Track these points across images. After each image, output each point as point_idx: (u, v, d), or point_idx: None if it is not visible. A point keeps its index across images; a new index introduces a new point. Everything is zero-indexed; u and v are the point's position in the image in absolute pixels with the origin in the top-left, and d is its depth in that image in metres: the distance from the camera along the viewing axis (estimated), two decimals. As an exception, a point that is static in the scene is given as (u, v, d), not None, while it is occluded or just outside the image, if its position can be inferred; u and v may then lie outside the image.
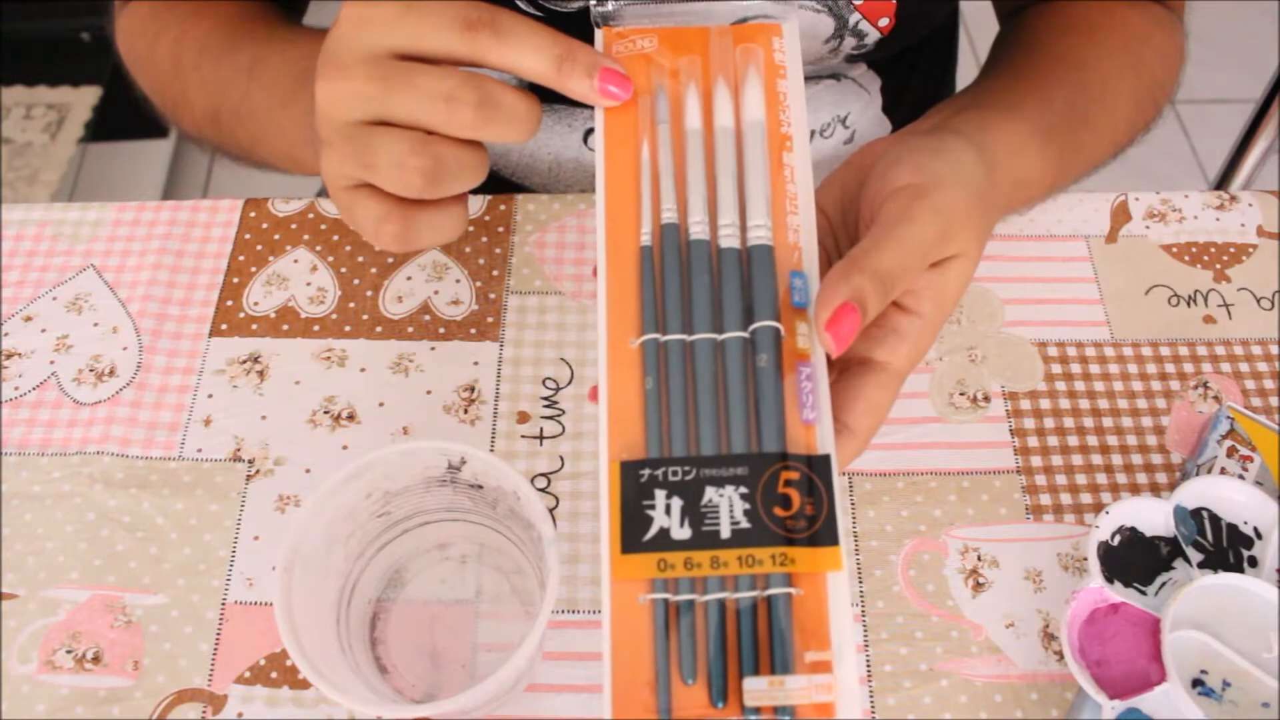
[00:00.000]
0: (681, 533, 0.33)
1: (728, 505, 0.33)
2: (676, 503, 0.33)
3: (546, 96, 0.63)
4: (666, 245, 0.37)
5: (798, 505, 0.33)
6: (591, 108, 0.63)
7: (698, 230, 0.37)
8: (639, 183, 0.38)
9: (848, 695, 0.31)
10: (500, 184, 0.69)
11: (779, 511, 0.33)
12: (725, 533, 0.33)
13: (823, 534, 0.33)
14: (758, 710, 0.31)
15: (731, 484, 0.33)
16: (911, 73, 0.68)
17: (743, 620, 0.32)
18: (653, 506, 0.33)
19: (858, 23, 0.56)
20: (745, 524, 0.33)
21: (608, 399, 0.35)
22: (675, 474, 0.34)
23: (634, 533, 0.33)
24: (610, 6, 0.40)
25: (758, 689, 0.31)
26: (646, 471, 0.34)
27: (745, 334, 0.35)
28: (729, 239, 0.37)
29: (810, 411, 0.34)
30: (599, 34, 0.40)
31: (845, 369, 0.38)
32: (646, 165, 0.38)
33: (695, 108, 0.39)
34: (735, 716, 0.31)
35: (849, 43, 0.57)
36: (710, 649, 0.32)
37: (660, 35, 0.40)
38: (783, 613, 0.32)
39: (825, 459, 0.34)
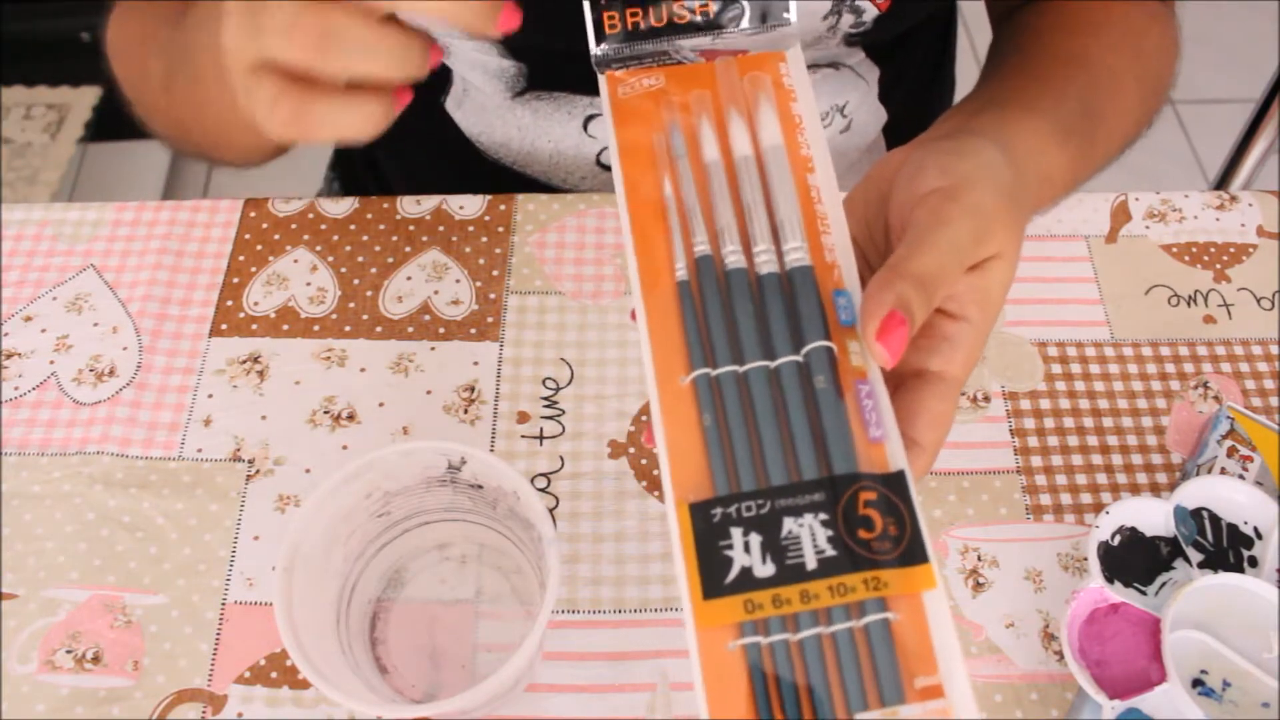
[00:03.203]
0: (765, 570, 0.31)
1: (809, 534, 0.31)
2: (755, 539, 0.32)
3: (546, 84, 0.64)
4: (704, 277, 0.36)
5: (881, 526, 0.32)
6: (591, 95, 0.63)
7: (733, 259, 0.36)
8: (665, 219, 0.37)
9: (965, 717, 0.30)
10: (501, 172, 0.69)
11: (863, 534, 0.31)
12: (811, 564, 0.31)
13: (911, 552, 0.31)
14: None
15: (810, 511, 0.32)
16: (908, 62, 0.68)
17: (842, 653, 0.31)
18: (730, 546, 0.32)
19: None
20: (831, 551, 0.31)
21: (665, 441, 0.34)
22: (749, 509, 0.32)
23: (714, 576, 0.31)
24: (608, 49, 0.39)
25: None
26: (719, 510, 0.32)
27: (798, 358, 0.34)
28: (767, 264, 0.36)
29: (876, 429, 0.33)
30: (602, 79, 0.40)
31: (901, 383, 0.37)
32: (671, 201, 0.37)
33: (711, 139, 0.38)
34: None
35: (847, 20, 0.57)
36: (813, 689, 0.30)
37: (665, 73, 0.39)
38: (884, 640, 0.30)
39: (900, 475, 0.33)
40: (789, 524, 0.32)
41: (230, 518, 0.52)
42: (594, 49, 0.39)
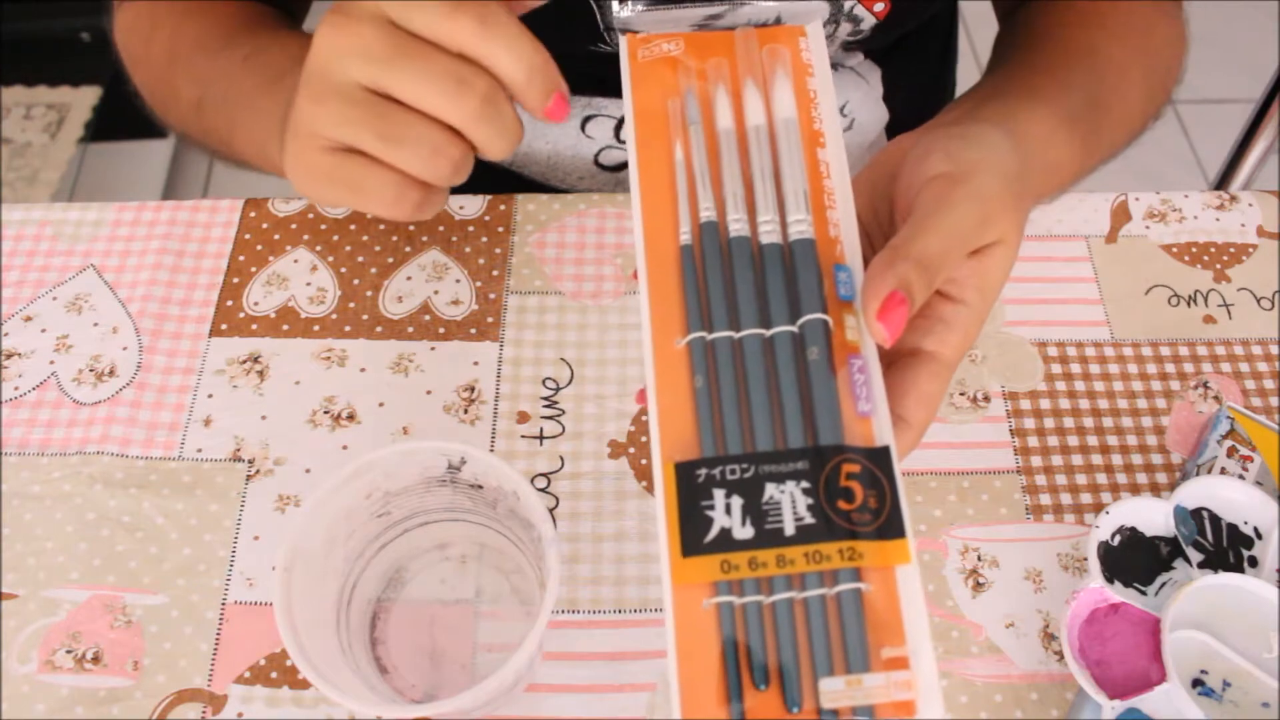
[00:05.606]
0: (744, 532, 0.32)
1: (790, 501, 0.32)
2: (737, 501, 0.32)
3: None
4: (707, 243, 0.36)
5: (861, 498, 0.32)
6: (586, 95, 0.63)
7: (737, 227, 0.36)
8: (673, 184, 0.37)
9: (928, 691, 0.30)
10: (498, 174, 0.69)
11: (843, 505, 0.32)
12: (789, 529, 0.32)
13: (889, 526, 0.32)
14: (835, 712, 0.30)
15: (792, 479, 0.32)
16: (909, 62, 0.68)
17: (813, 619, 0.31)
18: (712, 507, 0.32)
19: (853, 8, 0.56)
20: (809, 519, 0.32)
21: (657, 400, 0.34)
22: (733, 472, 0.33)
23: (694, 535, 0.32)
24: (630, 13, 0.40)
25: (835, 690, 0.30)
26: (703, 471, 0.33)
27: (794, 328, 0.35)
28: (770, 234, 0.36)
29: (865, 404, 0.34)
30: (623, 40, 0.40)
31: (894, 361, 0.38)
32: (681, 166, 0.38)
33: (726, 108, 0.38)
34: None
35: (845, 28, 0.57)
36: (781, 651, 0.31)
37: (685, 39, 0.40)
38: (854, 609, 0.31)
39: (885, 450, 0.33)
40: (771, 489, 0.32)
41: (230, 518, 0.52)
42: (617, 11, 0.39)
